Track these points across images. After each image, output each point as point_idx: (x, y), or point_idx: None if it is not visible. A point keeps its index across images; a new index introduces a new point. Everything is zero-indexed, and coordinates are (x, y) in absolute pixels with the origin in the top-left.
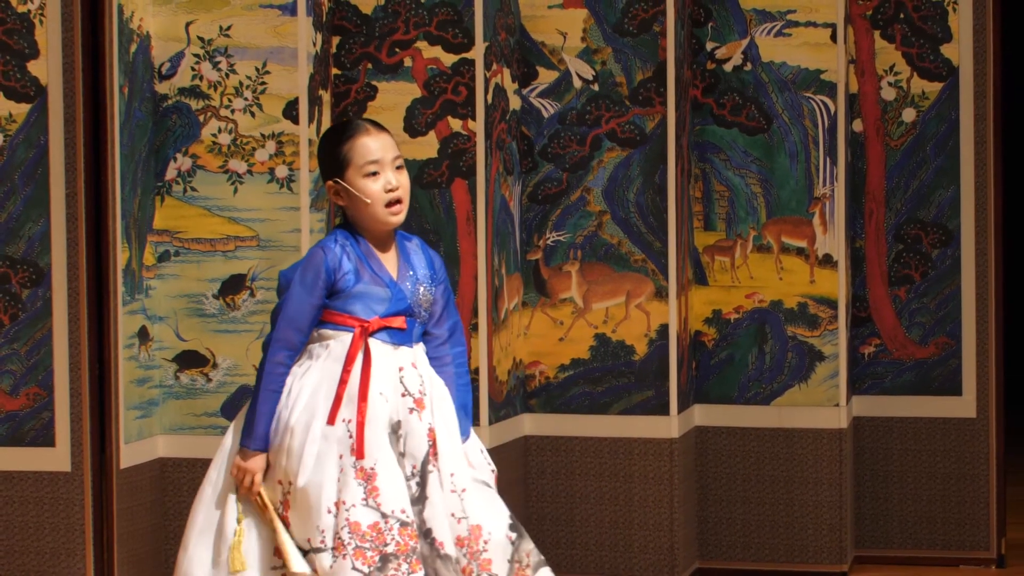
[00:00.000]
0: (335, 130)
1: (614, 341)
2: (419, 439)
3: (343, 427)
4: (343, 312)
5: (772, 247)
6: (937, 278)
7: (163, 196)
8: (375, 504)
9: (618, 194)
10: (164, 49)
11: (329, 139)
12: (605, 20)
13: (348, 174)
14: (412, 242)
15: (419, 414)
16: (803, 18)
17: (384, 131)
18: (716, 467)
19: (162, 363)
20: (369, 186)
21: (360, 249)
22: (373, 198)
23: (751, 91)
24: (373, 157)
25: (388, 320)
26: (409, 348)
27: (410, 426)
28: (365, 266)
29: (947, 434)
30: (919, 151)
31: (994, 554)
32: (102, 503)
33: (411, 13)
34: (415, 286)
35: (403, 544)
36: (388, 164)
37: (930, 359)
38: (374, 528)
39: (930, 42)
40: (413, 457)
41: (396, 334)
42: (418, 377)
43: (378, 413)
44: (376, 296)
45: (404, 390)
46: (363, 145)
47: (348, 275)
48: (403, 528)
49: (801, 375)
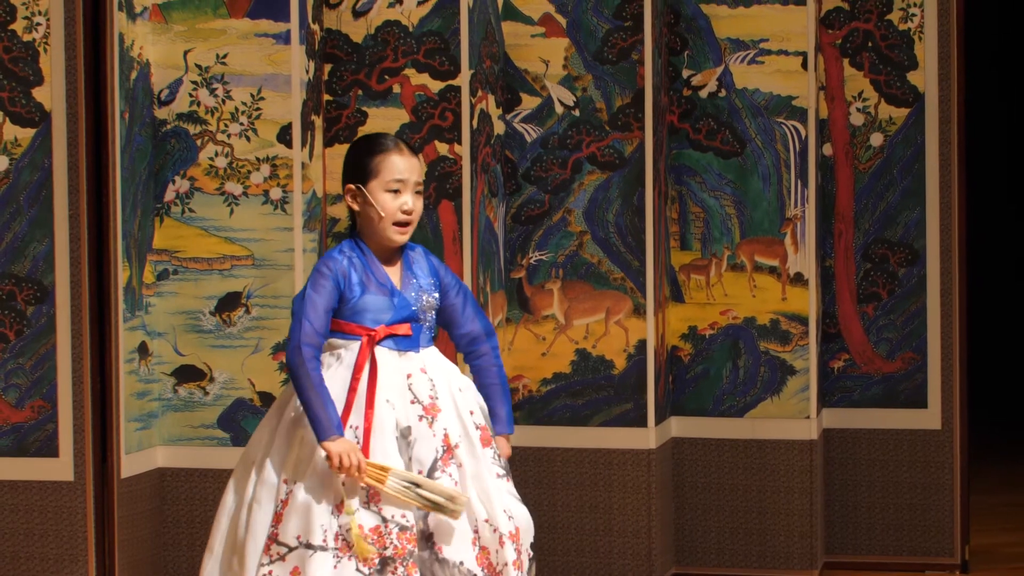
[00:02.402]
0: (370, 139)
1: (594, 356)
2: (428, 445)
3: (351, 433)
4: (351, 322)
5: (746, 266)
6: (903, 296)
7: (162, 217)
8: (376, 508)
9: (598, 215)
10: (163, 76)
11: (362, 146)
12: (586, 49)
13: (372, 184)
14: (415, 251)
15: (429, 421)
16: (775, 47)
17: (415, 155)
18: (692, 477)
19: (161, 377)
20: (388, 202)
21: (365, 258)
22: (388, 213)
23: (725, 116)
24: (400, 176)
25: (394, 328)
26: (417, 353)
27: (419, 432)
28: (370, 276)
29: (913, 445)
30: (886, 174)
31: (958, 560)
32: (103, 511)
33: (400, 42)
34: (418, 293)
35: (401, 548)
36: (410, 186)
37: (897, 373)
38: (375, 531)
39: (897, 70)
40: (420, 463)
41: (402, 341)
42: (428, 382)
43: (385, 420)
44: (381, 305)
45: (413, 397)
46: (393, 162)
47: (355, 287)
48: (402, 532)
49: (773, 389)
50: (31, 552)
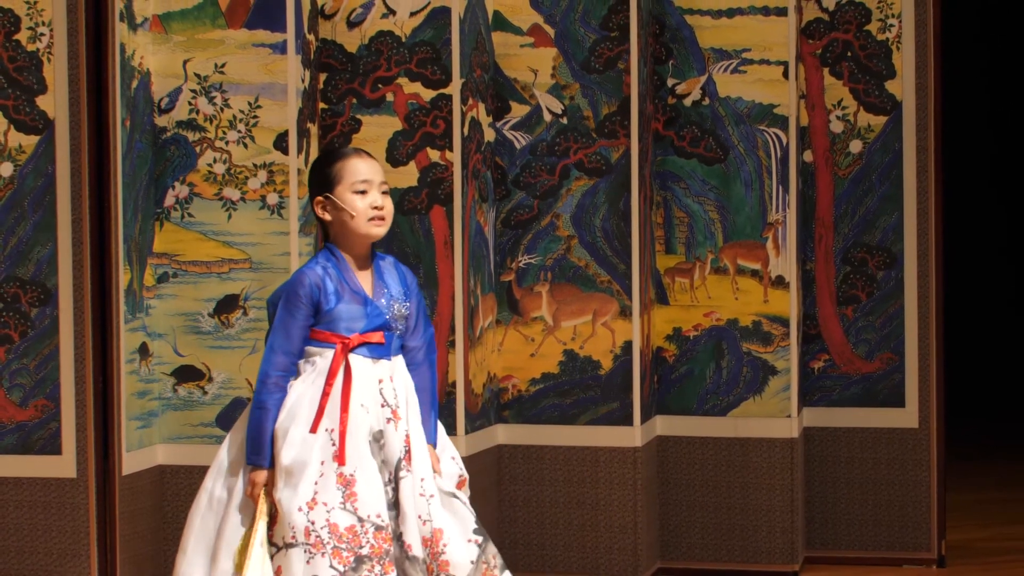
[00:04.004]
0: (327, 152)
1: (581, 357)
2: (395, 447)
3: (326, 436)
4: (325, 330)
5: (728, 269)
6: (882, 298)
7: (162, 222)
8: (352, 508)
9: (585, 220)
10: (163, 85)
11: (321, 160)
12: (573, 58)
13: (338, 190)
14: (386, 260)
15: (395, 424)
16: (757, 56)
17: (373, 158)
18: (676, 474)
19: (161, 377)
20: (357, 201)
21: (340, 268)
22: (358, 212)
23: (709, 124)
24: (364, 177)
25: (367, 336)
26: (388, 361)
27: (388, 435)
28: (345, 285)
29: (891, 443)
30: (865, 180)
31: (935, 555)
32: (105, 507)
33: (393, 52)
34: (390, 302)
35: (377, 547)
36: (376, 186)
37: (875, 373)
38: (350, 531)
39: (875, 79)
40: (389, 464)
41: (375, 348)
42: (394, 389)
43: (359, 423)
44: (354, 314)
45: (383, 401)
46: (355, 165)
47: (330, 296)
48: (378, 532)
49: (755, 388)
50: (35, 546)
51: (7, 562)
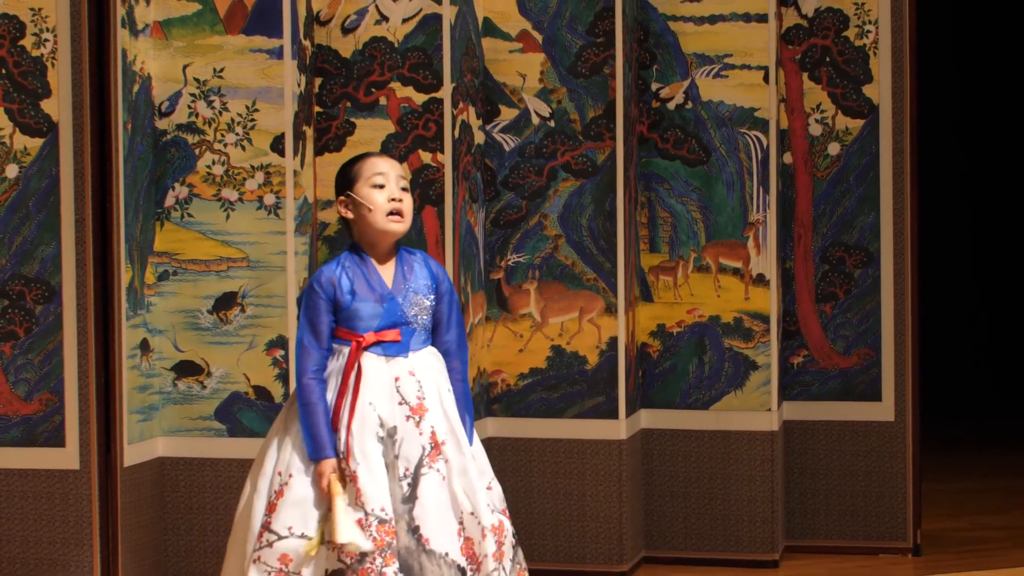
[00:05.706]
0: (350, 159)
1: (568, 352)
2: (414, 443)
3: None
4: (344, 327)
5: (711, 267)
6: (859, 295)
7: (163, 221)
8: (359, 503)
9: (572, 220)
10: (163, 89)
11: (344, 164)
12: (560, 63)
13: (357, 186)
14: (415, 255)
15: (416, 420)
16: (739, 61)
17: (394, 160)
18: (660, 466)
19: (161, 372)
20: (374, 195)
21: (361, 266)
22: (376, 206)
23: (692, 127)
24: (380, 171)
25: (382, 334)
26: (405, 358)
27: (406, 432)
28: (363, 281)
29: (868, 436)
30: (843, 181)
31: (910, 544)
32: (107, 498)
33: (386, 57)
34: (411, 297)
35: (379, 540)
36: (393, 180)
37: (853, 368)
38: (357, 524)
39: (853, 83)
40: (407, 460)
41: (390, 347)
42: (416, 384)
43: (366, 421)
44: (371, 312)
45: (401, 399)
46: (372, 162)
47: (346, 293)
48: (381, 525)
49: (737, 383)
50: (39, 536)
51: (13, 550)
